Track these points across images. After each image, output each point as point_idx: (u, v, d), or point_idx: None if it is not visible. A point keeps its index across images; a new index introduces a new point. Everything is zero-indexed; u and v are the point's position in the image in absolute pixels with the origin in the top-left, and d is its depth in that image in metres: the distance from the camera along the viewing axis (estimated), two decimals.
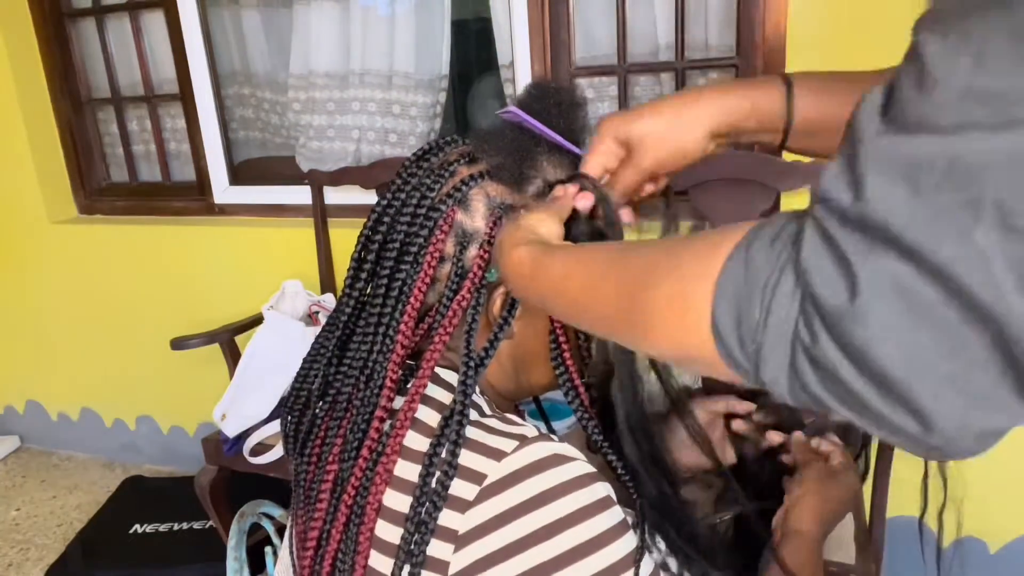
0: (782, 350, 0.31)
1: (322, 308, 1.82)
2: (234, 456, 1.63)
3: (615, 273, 0.43)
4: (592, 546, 0.48)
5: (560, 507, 0.49)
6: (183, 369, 2.23)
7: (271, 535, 1.06)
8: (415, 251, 0.60)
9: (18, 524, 2.28)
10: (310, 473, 0.63)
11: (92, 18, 2.27)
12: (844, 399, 0.30)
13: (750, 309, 0.32)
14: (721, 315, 0.34)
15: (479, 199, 0.62)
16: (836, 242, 0.29)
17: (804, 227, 0.31)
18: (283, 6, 2.05)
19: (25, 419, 2.73)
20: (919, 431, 0.29)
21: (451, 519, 0.50)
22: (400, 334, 0.59)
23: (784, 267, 0.31)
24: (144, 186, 2.39)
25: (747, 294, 0.33)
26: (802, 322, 0.30)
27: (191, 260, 2.24)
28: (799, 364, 0.31)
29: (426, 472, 0.53)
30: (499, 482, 0.50)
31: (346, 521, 0.56)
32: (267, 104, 2.19)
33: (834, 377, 0.30)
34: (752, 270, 0.33)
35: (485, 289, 0.60)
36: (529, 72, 1.76)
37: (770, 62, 1.56)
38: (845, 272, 0.29)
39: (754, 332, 0.32)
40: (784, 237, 0.32)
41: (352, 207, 2.00)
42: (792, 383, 0.32)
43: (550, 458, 0.51)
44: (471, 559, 0.49)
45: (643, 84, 1.75)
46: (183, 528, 2.05)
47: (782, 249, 0.32)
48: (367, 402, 0.59)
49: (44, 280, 2.47)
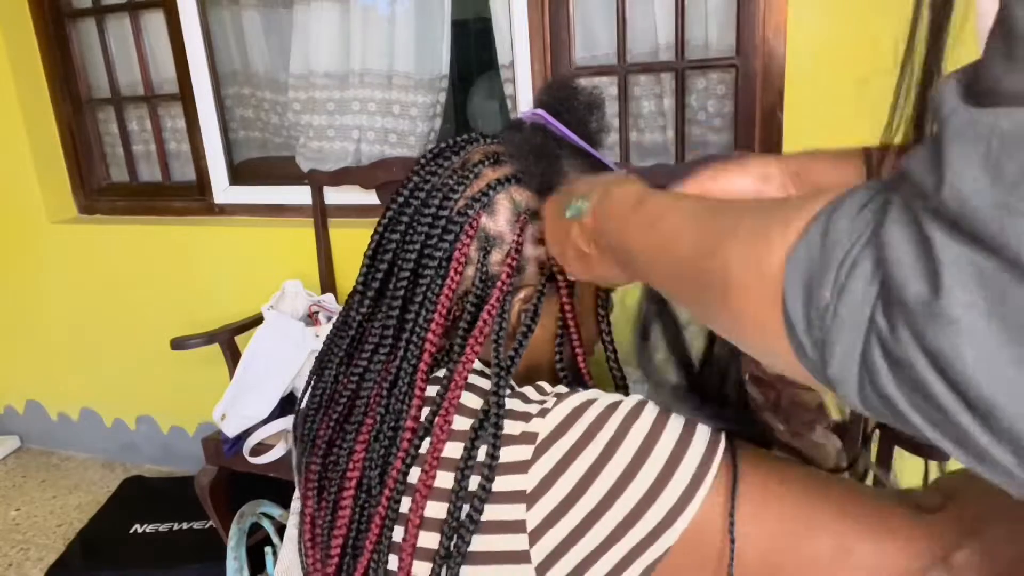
0: (853, 339, 0.27)
1: (322, 308, 1.82)
2: (234, 456, 1.63)
3: (701, 224, 0.39)
4: (646, 446, 0.49)
5: (607, 431, 0.50)
6: (183, 369, 2.23)
7: (271, 535, 1.06)
8: (440, 256, 0.59)
9: (18, 524, 2.28)
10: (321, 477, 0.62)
11: (92, 18, 2.27)
12: (923, 407, 0.26)
13: (821, 289, 0.28)
14: (791, 292, 0.29)
15: (504, 203, 0.61)
16: (920, 224, 0.25)
17: (892, 200, 0.27)
18: (283, 6, 2.05)
19: (25, 419, 2.73)
20: (1014, 463, 0.24)
21: (515, 482, 0.51)
22: (428, 341, 0.58)
23: (866, 243, 0.27)
24: (144, 186, 2.39)
25: (821, 269, 0.28)
26: (880, 309, 0.26)
27: (191, 260, 2.24)
28: (872, 359, 0.26)
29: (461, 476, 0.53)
30: (551, 435, 0.51)
31: (379, 533, 0.56)
32: (267, 104, 2.19)
33: (913, 378, 0.25)
34: (830, 242, 0.28)
35: (510, 295, 0.60)
36: (529, 72, 1.76)
37: (770, 62, 1.57)
38: (927, 261, 0.25)
39: (823, 316, 0.28)
40: (872, 207, 0.28)
41: (352, 207, 2.00)
42: (863, 381, 0.27)
43: (587, 401, 0.53)
44: (548, 509, 0.50)
45: (643, 84, 1.75)
46: (183, 528, 2.05)
47: (868, 221, 0.27)
48: (392, 409, 0.58)
49: (44, 280, 2.47)
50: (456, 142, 0.64)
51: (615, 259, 0.50)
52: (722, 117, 1.70)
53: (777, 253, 0.30)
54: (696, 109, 1.73)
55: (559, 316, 0.64)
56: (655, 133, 1.78)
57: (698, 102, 1.73)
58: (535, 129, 0.62)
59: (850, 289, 0.27)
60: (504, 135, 0.65)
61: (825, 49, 1.51)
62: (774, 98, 1.58)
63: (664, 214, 0.44)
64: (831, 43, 1.50)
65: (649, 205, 0.46)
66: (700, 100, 1.73)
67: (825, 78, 1.51)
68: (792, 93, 1.56)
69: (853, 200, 0.29)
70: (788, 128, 1.58)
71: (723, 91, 1.69)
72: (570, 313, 0.63)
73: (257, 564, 1.03)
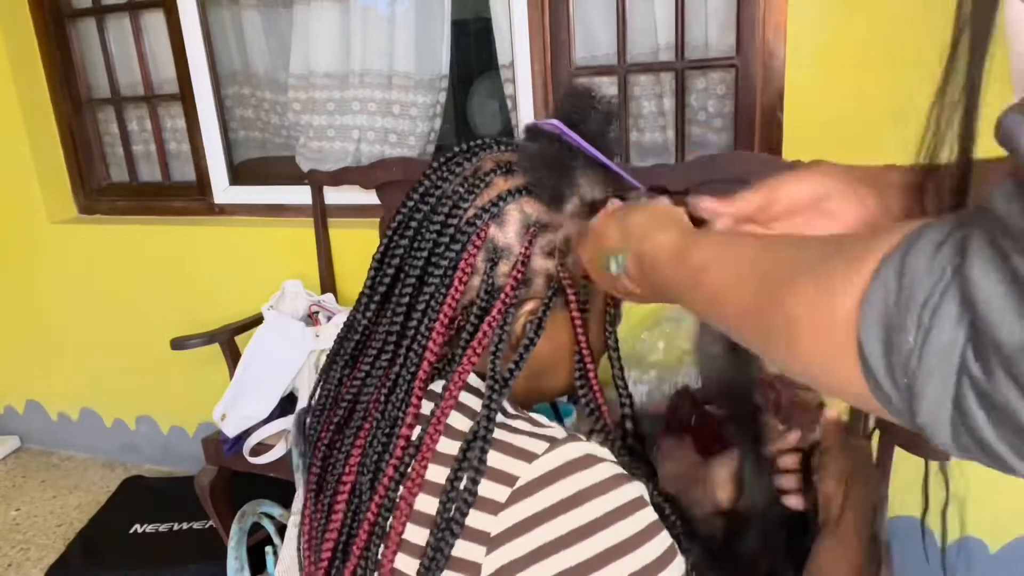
0: (943, 386, 0.26)
1: (322, 308, 1.82)
2: (234, 456, 1.63)
3: (757, 271, 0.38)
4: (626, 547, 0.48)
5: (593, 508, 0.48)
6: (183, 369, 2.23)
7: (271, 535, 1.06)
8: (445, 264, 0.59)
9: (18, 524, 2.28)
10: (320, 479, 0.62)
11: (92, 18, 2.27)
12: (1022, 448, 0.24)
13: (902, 333, 0.26)
14: (868, 338, 0.28)
15: (514, 214, 0.60)
16: (1010, 261, 0.24)
17: (972, 237, 0.26)
18: (283, 6, 2.05)
19: (25, 419, 2.73)
20: None
21: (483, 521, 0.50)
22: (428, 351, 0.58)
23: (949, 282, 0.25)
24: (144, 186, 2.39)
25: (899, 314, 0.27)
26: (971, 352, 0.25)
27: (191, 260, 2.24)
28: (965, 403, 0.25)
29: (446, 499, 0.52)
30: (531, 484, 0.49)
31: (367, 539, 0.56)
32: (267, 104, 2.19)
33: (1017, 424, 0.24)
34: (907, 285, 0.27)
35: (513, 308, 0.59)
36: (529, 72, 1.76)
37: (770, 62, 1.57)
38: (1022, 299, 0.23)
39: (906, 361, 0.26)
40: (950, 245, 0.26)
41: (352, 207, 2.00)
42: (956, 427, 0.26)
43: (582, 459, 0.50)
44: (504, 560, 0.48)
45: (643, 84, 1.75)
46: (183, 528, 2.05)
47: (947, 261, 0.26)
48: (388, 416, 0.58)
49: (44, 280, 2.47)
50: (469, 147, 0.63)
51: (669, 298, 0.51)
52: (722, 117, 1.70)
53: (848, 297, 0.29)
54: (696, 109, 1.73)
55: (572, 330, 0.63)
56: (655, 133, 1.78)
57: (698, 102, 1.73)
58: (550, 140, 0.61)
59: (935, 333, 0.25)
60: (518, 145, 0.64)
61: (825, 49, 1.51)
62: (774, 98, 1.58)
63: (709, 266, 0.43)
64: (831, 43, 1.50)
65: (692, 257, 0.46)
66: (700, 100, 1.72)
67: (825, 78, 1.51)
68: (792, 93, 1.56)
69: (928, 237, 0.27)
70: (788, 128, 1.58)
71: (723, 91, 1.69)
72: (580, 327, 0.62)
73: (257, 564, 1.03)
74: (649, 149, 1.80)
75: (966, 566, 1.61)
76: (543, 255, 0.61)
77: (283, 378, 1.65)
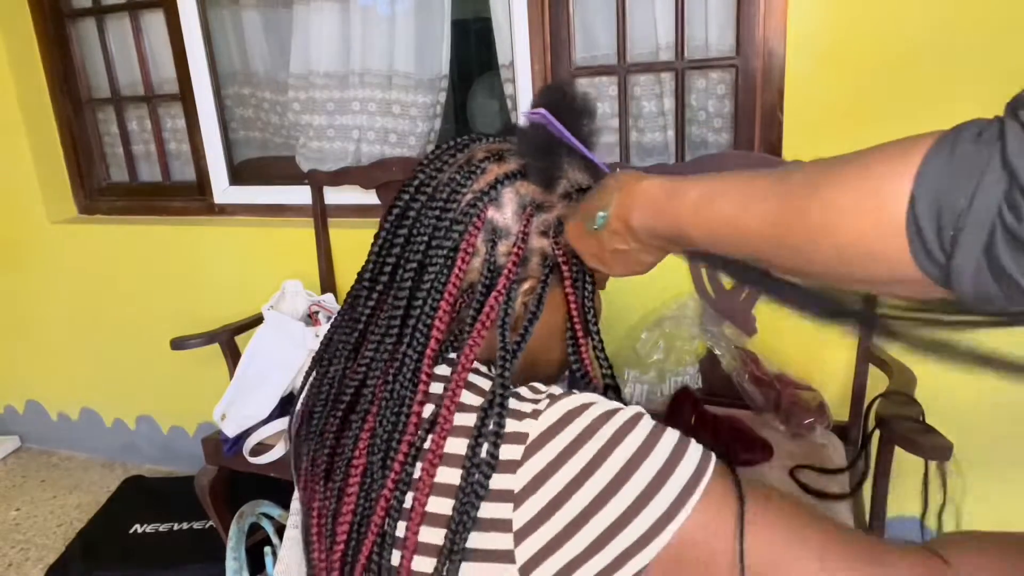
0: (980, 234, 0.33)
1: (322, 308, 1.82)
2: (234, 456, 1.63)
3: (779, 186, 0.45)
4: (639, 457, 0.50)
5: (599, 438, 0.51)
6: (183, 369, 2.23)
7: (271, 535, 1.06)
8: (448, 246, 0.62)
9: (18, 524, 2.28)
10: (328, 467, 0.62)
11: (92, 18, 2.27)
12: None
13: (954, 198, 0.34)
14: (922, 206, 0.35)
15: (510, 196, 0.63)
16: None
17: (1006, 126, 0.34)
18: (283, 6, 2.05)
19: (25, 419, 2.73)
20: None
21: (504, 481, 0.52)
22: (435, 328, 0.60)
23: (991, 158, 0.33)
24: (144, 186, 2.39)
25: (951, 185, 0.34)
26: (1006, 206, 0.32)
27: (191, 260, 2.24)
28: (995, 245, 0.33)
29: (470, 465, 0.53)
30: (541, 436, 0.52)
31: (384, 515, 0.57)
32: (267, 104, 2.19)
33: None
34: (957, 163, 0.34)
35: (516, 284, 0.62)
36: (529, 72, 1.76)
37: (770, 62, 1.57)
38: None
39: (956, 219, 0.34)
40: (988, 135, 0.34)
41: (352, 207, 2.00)
42: (980, 266, 0.34)
43: (580, 405, 0.53)
44: (534, 511, 0.50)
45: (643, 84, 1.75)
46: (183, 528, 2.05)
47: (987, 144, 0.34)
48: (396, 397, 0.59)
49: (44, 280, 2.47)
50: (458, 141, 0.67)
51: (665, 243, 0.55)
52: (722, 117, 1.70)
53: (898, 177, 0.37)
54: (696, 109, 1.73)
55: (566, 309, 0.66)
56: (655, 133, 1.78)
57: (698, 102, 1.73)
58: (537, 127, 0.65)
59: (981, 193, 0.33)
60: (508, 134, 0.67)
61: (825, 49, 1.51)
62: (774, 98, 1.58)
63: (717, 191, 0.50)
64: (831, 43, 1.50)
65: (689, 193, 0.51)
66: (700, 100, 1.72)
67: (825, 78, 1.51)
68: (792, 93, 1.56)
69: (971, 128, 0.35)
70: (788, 128, 1.58)
71: (723, 91, 1.69)
72: (574, 302, 0.65)
73: (257, 564, 1.03)
74: (649, 149, 1.80)
75: None
76: (538, 234, 0.64)
77: (283, 378, 1.65)
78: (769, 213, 0.45)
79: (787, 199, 0.44)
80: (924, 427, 1.14)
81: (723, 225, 0.49)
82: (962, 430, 1.17)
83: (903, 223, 0.36)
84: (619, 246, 0.58)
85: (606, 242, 0.59)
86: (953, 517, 1.12)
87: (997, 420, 1.49)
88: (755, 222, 0.46)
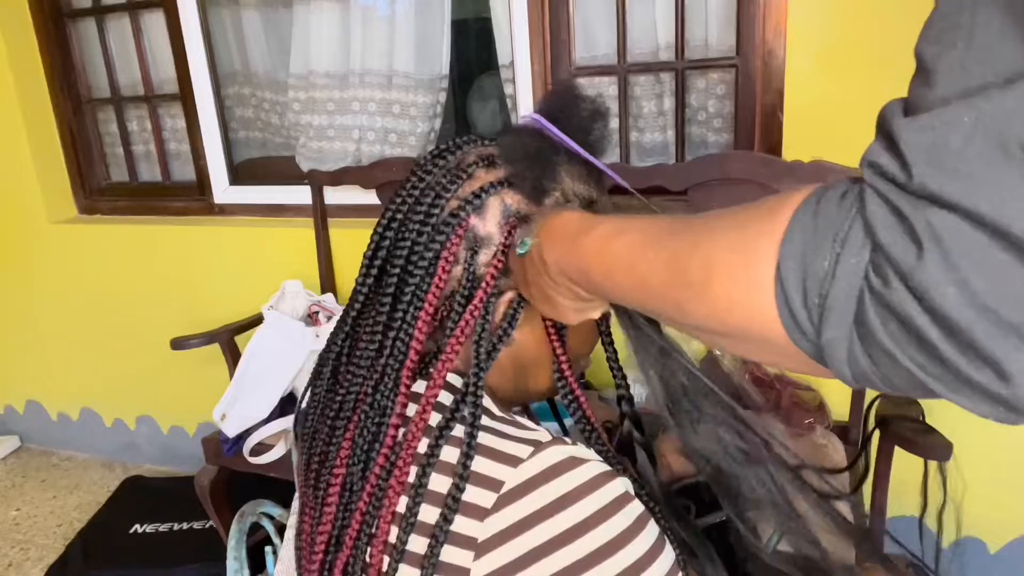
0: (848, 303, 0.31)
1: (322, 308, 1.82)
2: (234, 456, 1.63)
3: (672, 236, 0.43)
4: (614, 545, 0.48)
5: (579, 510, 0.48)
6: (183, 369, 2.23)
7: (271, 535, 1.06)
8: (429, 255, 0.59)
9: (18, 524, 2.28)
10: (317, 472, 0.62)
11: (92, 18, 2.27)
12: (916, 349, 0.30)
13: (818, 260, 0.32)
14: (787, 268, 0.33)
15: (495, 205, 0.61)
16: (892, 200, 0.31)
17: (864, 188, 0.33)
18: (283, 6, 2.05)
19: (25, 419, 2.73)
20: (995, 382, 0.28)
21: (470, 527, 0.50)
22: (414, 339, 0.58)
23: (854, 219, 0.32)
24: (144, 186, 2.39)
25: (815, 246, 0.33)
26: (871, 269, 0.31)
27: (191, 260, 2.24)
28: (867, 316, 0.31)
29: (422, 472, 0.53)
30: (517, 489, 0.50)
31: (359, 528, 0.56)
32: (267, 104, 2.19)
33: (907, 323, 0.30)
34: (821, 223, 0.33)
35: (494, 297, 0.60)
36: (529, 72, 1.76)
37: (770, 62, 1.57)
38: (905, 226, 0.30)
39: (821, 282, 0.32)
40: (852, 194, 0.33)
41: (352, 207, 2.00)
42: (853, 342, 0.32)
43: (565, 462, 0.50)
44: (492, 567, 0.49)
45: (643, 84, 1.75)
46: (183, 528, 2.05)
47: (851, 204, 0.32)
48: (377, 406, 0.58)
49: (44, 280, 2.47)
50: (455, 143, 0.64)
51: (571, 284, 0.51)
52: (722, 117, 1.70)
53: (767, 236, 0.35)
54: (696, 109, 1.73)
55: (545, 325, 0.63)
56: (655, 133, 1.78)
57: (698, 102, 1.73)
58: (532, 133, 0.62)
59: (845, 255, 0.32)
60: (500, 137, 0.64)
61: (825, 49, 1.51)
62: (774, 98, 1.58)
63: (621, 230, 0.47)
64: (831, 43, 1.50)
65: (600, 227, 0.49)
66: (700, 100, 1.73)
67: (825, 78, 1.51)
68: (792, 93, 1.56)
69: (836, 189, 0.34)
70: (788, 128, 1.58)
71: (723, 91, 1.69)
72: (550, 323, 0.62)
73: (257, 564, 1.03)
74: (649, 149, 1.80)
75: (966, 566, 1.61)
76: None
77: (283, 378, 1.65)
78: (659, 262, 0.42)
79: (676, 250, 0.41)
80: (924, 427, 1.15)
81: (620, 269, 0.46)
82: (962, 430, 1.17)
83: (772, 289, 0.34)
84: (538, 280, 0.55)
85: (529, 272, 0.55)
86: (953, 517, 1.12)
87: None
88: (646, 268, 0.43)
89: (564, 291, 0.53)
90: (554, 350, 0.62)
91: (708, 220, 0.41)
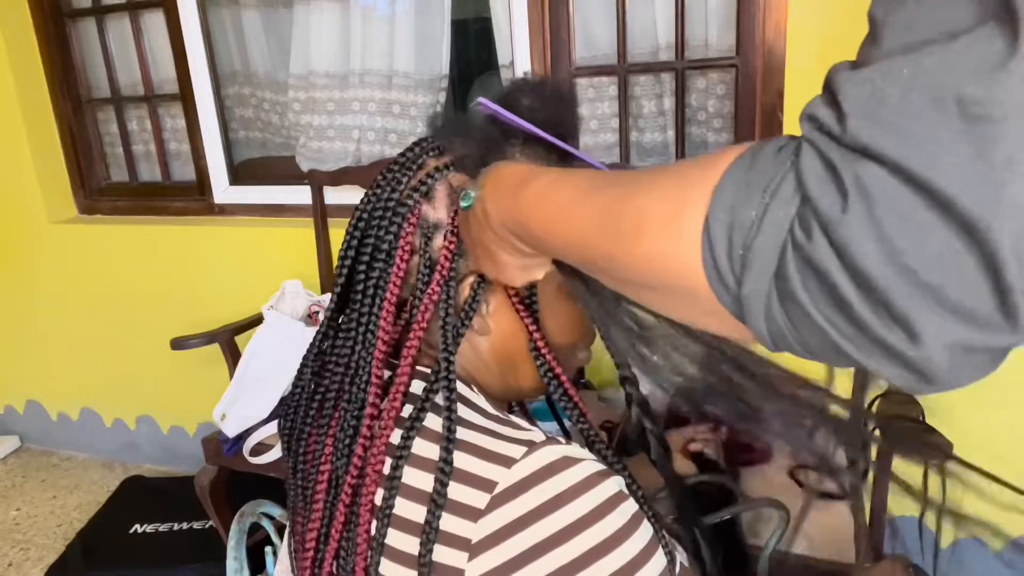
0: (771, 255, 0.31)
1: (322, 308, 1.82)
2: (234, 456, 1.63)
3: (609, 187, 0.42)
4: (608, 545, 0.48)
5: (573, 510, 0.48)
6: (183, 369, 2.23)
7: (271, 535, 1.06)
8: (386, 248, 0.61)
9: (18, 524, 2.28)
10: (305, 472, 0.63)
11: (92, 18, 2.27)
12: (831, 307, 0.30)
13: (747, 210, 0.32)
14: (715, 218, 0.33)
15: (442, 189, 0.61)
16: (824, 152, 0.30)
17: (801, 142, 0.32)
18: (283, 6, 2.05)
19: (25, 419, 2.73)
20: (905, 343, 0.28)
21: (463, 528, 0.50)
22: (380, 330, 0.59)
23: (787, 172, 0.31)
24: (144, 186, 2.39)
25: (746, 197, 0.32)
26: (798, 223, 0.30)
27: (191, 260, 2.24)
28: (787, 270, 0.30)
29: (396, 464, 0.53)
30: (510, 489, 0.49)
31: (344, 522, 0.56)
32: (267, 104, 2.19)
33: (825, 279, 0.29)
34: (755, 175, 0.32)
35: (454, 281, 0.59)
36: (529, 72, 1.76)
37: (770, 62, 1.57)
38: (835, 178, 0.29)
39: (746, 233, 0.31)
40: (789, 148, 0.32)
41: (352, 207, 1.99)
42: (772, 298, 0.31)
43: (559, 462, 0.50)
44: (486, 567, 0.49)
45: (643, 84, 1.75)
46: (183, 528, 2.05)
47: (786, 158, 0.32)
48: (354, 399, 0.59)
49: (44, 280, 2.47)
50: (415, 140, 0.65)
51: (512, 239, 0.50)
52: (722, 117, 1.70)
53: (699, 188, 0.34)
54: (696, 109, 1.73)
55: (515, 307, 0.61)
56: (655, 133, 1.78)
57: (698, 102, 1.73)
58: (479, 116, 0.61)
59: (773, 207, 0.31)
60: (443, 123, 0.65)
61: (825, 49, 1.51)
62: (774, 98, 1.58)
63: (561, 180, 0.46)
64: (831, 43, 1.50)
65: (542, 177, 0.48)
66: (700, 100, 1.73)
67: None
68: (792, 93, 1.56)
69: (773, 143, 0.33)
70: (788, 128, 1.58)
71: (723, 91, 1.69)
72: (515, 299, 0.60)
73: (257, 564, 1.03)
74: (649, 149, 1.80)
75: (966, 566, 1.61)
76: None
77: (283, 378, 1.65)
78: (594, 212, 0.41)
79: (611, 199, 0.40)
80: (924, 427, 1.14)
81: (558, 220, 0.45)
82: (962, 430, 1.17)
83: (699, 240, 0.33)
84: (481, 236, 0.53)
85: (474, 228, 0.54)
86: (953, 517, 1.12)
87: (997, 420, 1.49)
88: (582, 220, 0.42)
89: (507, 246, 0.52)
90: (526, 327, 0.60)
91: (646, 172, 0.40)
